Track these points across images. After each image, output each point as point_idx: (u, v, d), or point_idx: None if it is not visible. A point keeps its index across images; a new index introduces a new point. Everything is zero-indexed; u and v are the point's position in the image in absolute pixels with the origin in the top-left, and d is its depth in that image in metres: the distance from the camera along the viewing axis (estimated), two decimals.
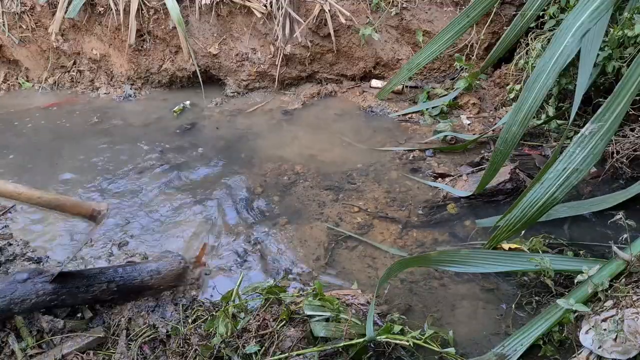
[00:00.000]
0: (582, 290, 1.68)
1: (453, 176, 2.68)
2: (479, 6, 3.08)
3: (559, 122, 2.86)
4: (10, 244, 2.24)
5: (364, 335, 1.59)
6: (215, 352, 1.59)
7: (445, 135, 3.01)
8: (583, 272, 1.69)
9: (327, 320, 1.65)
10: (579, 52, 2.36)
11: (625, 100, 1.92)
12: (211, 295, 1.95)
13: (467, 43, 3.44)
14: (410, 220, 2.39)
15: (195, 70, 3.69)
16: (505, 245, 2.07)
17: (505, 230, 1.98)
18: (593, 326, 1.55)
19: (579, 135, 1.93)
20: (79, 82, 3.94)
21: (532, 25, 3.04)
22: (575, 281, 1.71)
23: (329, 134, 3.21)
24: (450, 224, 2.37)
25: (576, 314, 1.64)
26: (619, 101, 1.93)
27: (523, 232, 2.02)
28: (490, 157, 2.41)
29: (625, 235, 1.87)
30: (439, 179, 2.68)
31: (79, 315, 1.79)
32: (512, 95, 3.13)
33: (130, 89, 3.87)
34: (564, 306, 1.59)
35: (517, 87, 3.10)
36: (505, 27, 3.26)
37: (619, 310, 1.56)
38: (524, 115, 2.22)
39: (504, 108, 3.19)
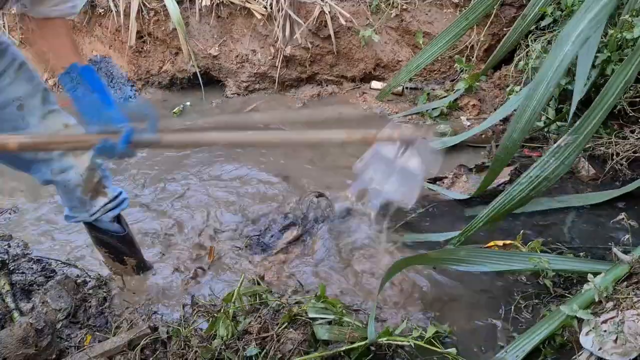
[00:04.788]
0: (587, 296, 1.68)
1: (451, 177, 2.68)
2: (479, 8, 3.09)
3: (559, 123, 2.86)
4: (10, 246, 2.24)
5: (366, 338, 1.59)
6: (215, 354, 1.59)
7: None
8: (589, 281, 1.69)
9: (329, 323, 1.65)
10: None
11: (600, 114, 2.00)
12: (213, 297, 1.95)
13: (467, 44, 3.45)
14: (408, 221, 2.39)
15: (196, 71, 3.70)
16: (500, 242, 2.08)
17: (480, 220, 2.08)
18: (593, 328, 1.55)
19: (554, 146, 2.00)
20: None
21: (532, 27, 3.04)
22: (583, 290, 1.71)
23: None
24: (450, 225, 2.37)
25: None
26: (594, 114, 2.00)
27: (522, 231, 2.04)
28: (490, 164, 2.41)
29: (627, 236, 1.88)
30: (438, 181, 2.68)
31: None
32: (511, 97, 3.13)
33: (131, 90, 3.87)
34: (567, 312, 1.60)
35: (517, 88, 3.10)
36: (505, 29, 3.27)
37: (620, 312, 1.56)
38: (525, 122, 2.24)
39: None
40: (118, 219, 1.90)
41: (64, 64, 1.48)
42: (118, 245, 1.93)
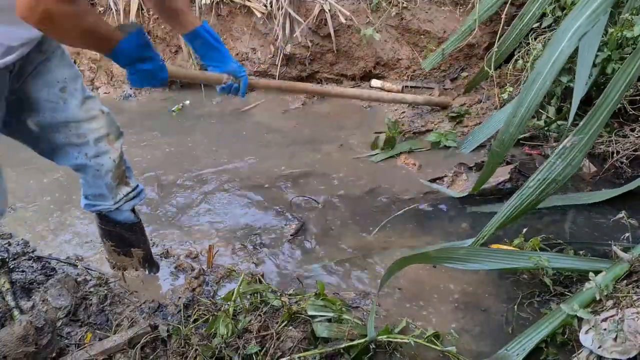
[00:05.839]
0: (587, 294, 1.68)
1: (451, 176, 2.68)
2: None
3: (560, 122, 2.86)
4: (10, 244, 2.24)
5: (365, 335, 1.59)
6: (216, 352, 1.59)
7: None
8: (590, 280, 1.69)
9: (329, 320, 1.66)
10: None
11: (604, 114, 1.99)
12: (213, 296, 1.95)
13: (467, 43, 3.44)
14: (406, 220, 2.39)
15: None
16: (503, 246, 2.08)
17: (493, 226, 2.05)
18: (593, 326, 1.55)
19: (560, 147, 2.00)
20: None
21: (534, 25, 3.03)
22: (584, 289, 1.71)
23: (329, 132, 3.22)
24: (448, 224, 2.37)
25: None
26: (599, 114, 1.99)
27: (525, 230, 2.05)
28: (487, 158, 2.41)
29: (627, 234, 1.88)
30: (438, 180, 2.68)
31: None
32: (505, 96, 3.13)
33: (130, 88, 3.87)
34: (567, 311, 1.60)
35: (511, 88, 3.10)
36: (505, 27, 3.25)
37: (619, 310, 1.57)
38: (521, 117, 2.24)
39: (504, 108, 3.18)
40: (132, 209, 1.93)
41: (191, 25, 1.80)
42: (128, 235, 1.95)
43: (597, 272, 1.74)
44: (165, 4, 1.77)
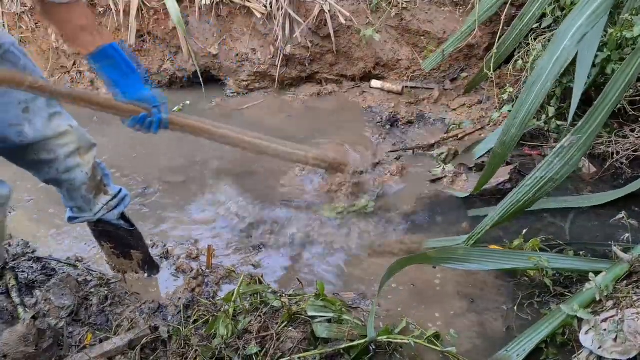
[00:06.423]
0: (587, 295, 1.68)
1: (451, 176, 2.68)
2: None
3: (559, 122, 2.86)
4: (10, 245, 2.24)
5: (365, 336, 1.59)
6: (216, 353, 1.59)
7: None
8: (590, 280, 1.69)
9: (329, 321, 1.66)
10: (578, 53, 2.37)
11: (603, 114, 1.98)
12: (213, 296, 1.95)
13: (467, 44, 3.44)
14: (406, 221, 2.39)
15: (196, 70, 3.69)
16: (499, 247, 2.08)
17: (487, 224, 2.05)
18: (593, 326, 1.55)
19: (558, 146, 1.99)
20: (79, 83, 3.94)
21: (533, 26, 3.04)
22: (584, 289, 1.71)
23: (328, 132, 3.22)
24: (448, 224, 2.37)
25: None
26: (597, 114, 1.99)
27: (525, 230, 2.05)
28: (488, 159, 2.41)
29: (627, 235, 1.88)
30: (438, 180, 2.68)
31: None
32: (505, 97, 3.13)
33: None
34: (567, 312, 1.60)
35: (511, 89, 3.10)
36: (505, 28, 3.26)
37: (619, 311, 1.57)
38: (522, 118, 2.24)
39: (505, 108, 3.19)
40: (124, 217, 1.91)
41: (94, 44, 1.52)
42: (125, 237, 1.94)
43: (597, 273, 1.74)
44: (64, 23, 1.49)
